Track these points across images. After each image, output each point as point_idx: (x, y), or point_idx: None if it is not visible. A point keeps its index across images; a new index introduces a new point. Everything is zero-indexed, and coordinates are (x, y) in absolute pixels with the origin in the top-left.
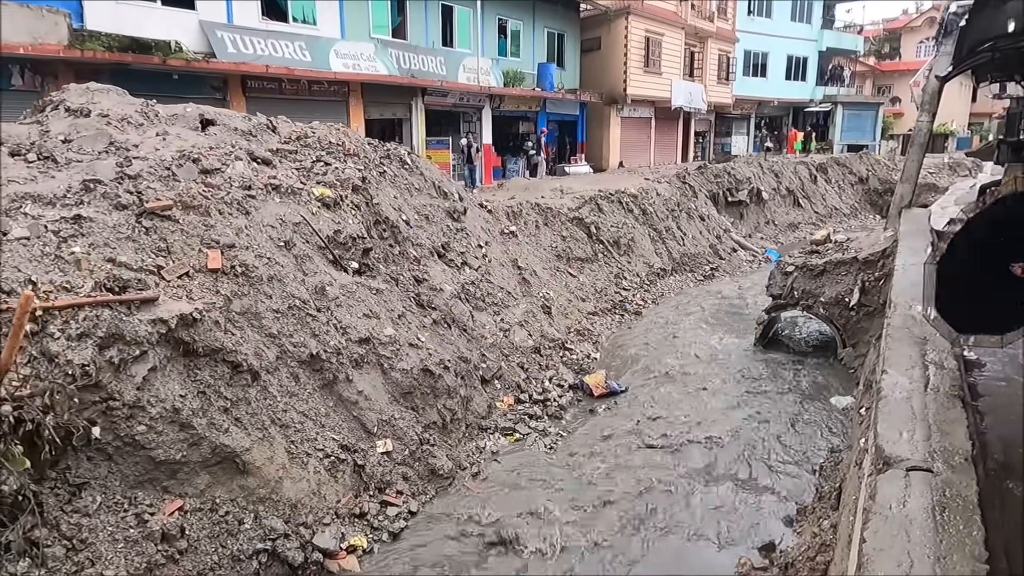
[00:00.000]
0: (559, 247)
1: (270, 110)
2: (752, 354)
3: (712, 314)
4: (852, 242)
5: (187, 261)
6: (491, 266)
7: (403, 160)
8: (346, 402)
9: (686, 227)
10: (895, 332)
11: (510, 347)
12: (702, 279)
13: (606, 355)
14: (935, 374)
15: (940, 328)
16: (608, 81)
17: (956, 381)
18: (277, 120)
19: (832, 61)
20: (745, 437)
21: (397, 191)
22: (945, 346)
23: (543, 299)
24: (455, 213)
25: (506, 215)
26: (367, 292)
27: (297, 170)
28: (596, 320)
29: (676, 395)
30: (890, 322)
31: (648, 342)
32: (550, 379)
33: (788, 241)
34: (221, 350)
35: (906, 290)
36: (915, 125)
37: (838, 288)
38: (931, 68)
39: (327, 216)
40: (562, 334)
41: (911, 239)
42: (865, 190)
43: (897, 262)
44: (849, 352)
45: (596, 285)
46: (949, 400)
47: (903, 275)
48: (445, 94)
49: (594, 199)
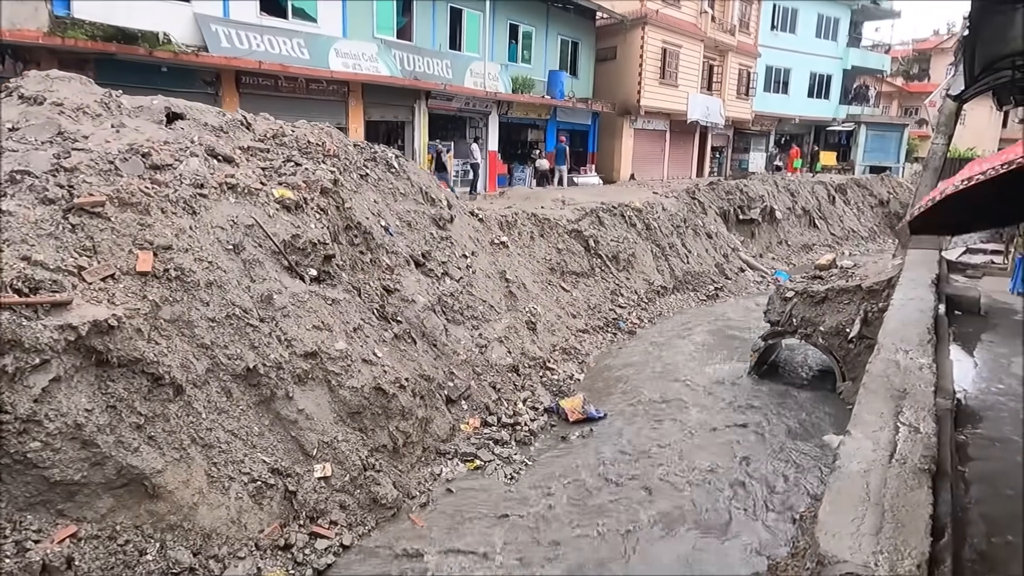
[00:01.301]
0: (554, 260)
1: (265, 107)
2: (746, 383)
3: (710, 337)
4: (858, 269)
5: (114, 262)
6: (475, 277)
7: (389, 163)
8: (284, 421)
9: (692, 244)
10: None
11: (484, 365)
12: (705, 299)
13: (590, 377)
14: (906, 439)
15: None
16: (622, 92)
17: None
18: (256, 117)
19: (857, 80)
20: (725, 477)
21: (379, 195)
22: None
23: (529, 314)
24: (441, 220)
25: (499, 224)
26: (321, 302)
27: (263, 169)
28: (585, 339)
29: (657, 425)
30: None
31: (637, 365)
32: (524, 401)
33: (801, 263)
34: (140, 361)
35: (896, 330)
36: (929, 148)
37: (839, 317)
38: (948, 88)
39: (286, 219)
40: (545, 352)
41: (915, 270)
42: (885, 213)
43: (895, 295)
44: (848, 386)
45: (590, 301)
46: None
47: (897, 311)
48: (450, 98)
49: (595, 211)
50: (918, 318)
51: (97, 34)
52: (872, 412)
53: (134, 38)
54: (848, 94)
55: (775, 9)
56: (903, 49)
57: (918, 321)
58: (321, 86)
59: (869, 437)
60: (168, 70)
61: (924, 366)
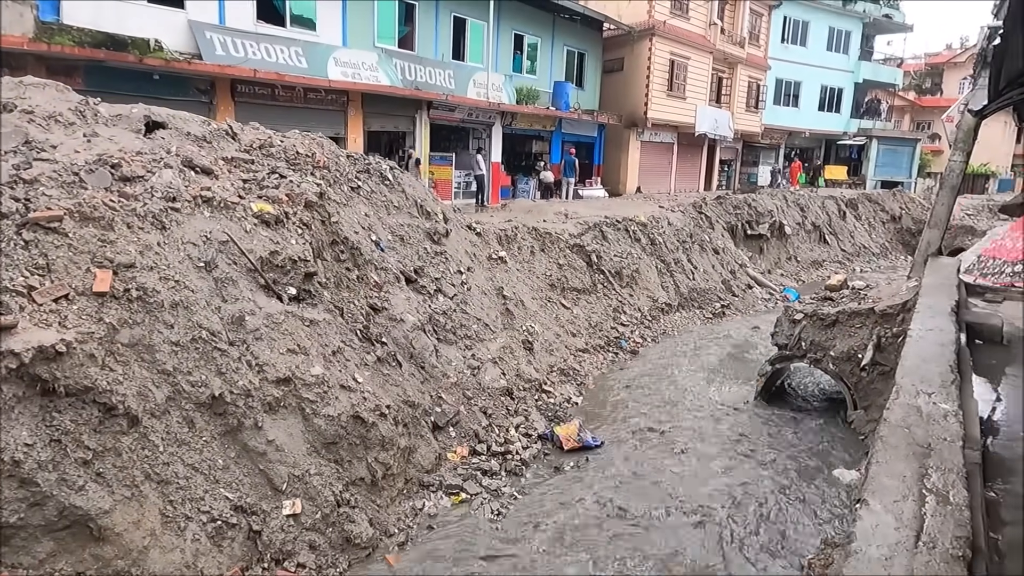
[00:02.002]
0: (554, 276)
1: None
2: (752, 409)
3: (716, 357)
4: (871, 290)
5: (68, 282)
6: (470, 294)
7: (383, 176)
8: (251, 453)
9: (698, 260)
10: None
11: (476, 388)
12: (711, 317)
13: (589, 400)
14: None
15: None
16: (629, 103)
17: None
18: (243, 127)
19: (869, 94)
20: (726, 515)
21: (372, 208)
22: (955, 462)
23: (526, 333)
24: (436, 235)
25: (497, 238)
26: (298, 324)
27: (244, 182)
28: (585, 359)
29: (657, 455)
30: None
31: (639, 387)
32: (517, 427)
33: (810, 279)
34: (92, 389)
35: (915, 368)
36: (947, 164)
37: (851, 342)
38: (967, 103)
39: (264, 234)
40: (542, 374)
41: (933, 295)
42: (897, 229)
43: (912, 325)
44: (860, 415)
45: (591, 319)
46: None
47: (915, 345)
48: (452, 108)
49: (598, 226)
50: (939, 353)
51: (85, 40)
52: (893, 475)
53: (124, 45)
54: (860, 108)
55: (786, 21)
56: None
57: (939, 356)
58: (319, 95)
59: (890, 510)
60: (160, 78)
61: (949, 414)
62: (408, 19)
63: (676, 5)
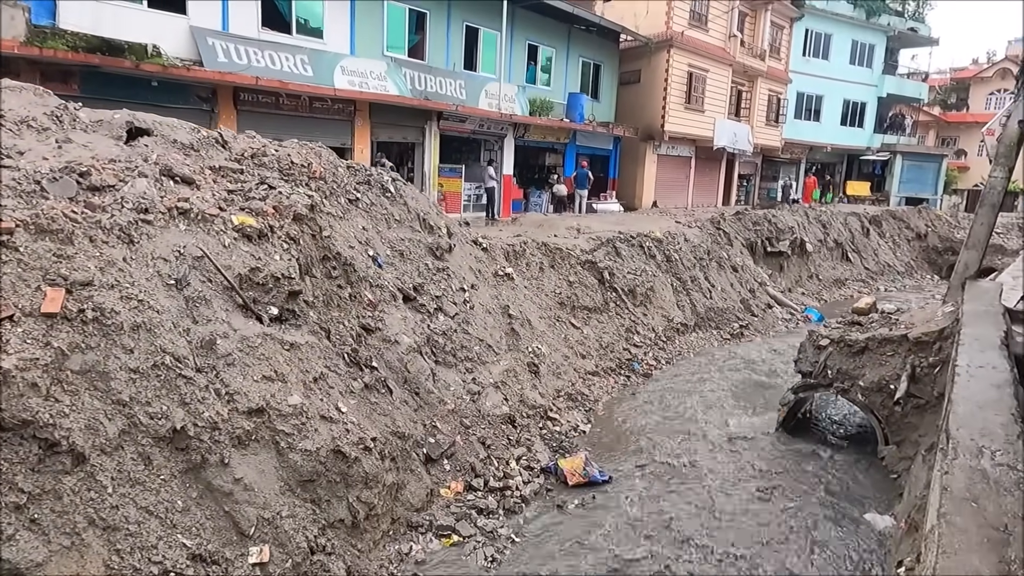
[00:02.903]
0: (564, 293)
1: (265, 125)
2: (774, 442)
3: (734, 382)
4: (902, 314)
5: (15, 301)
6: (473, 313)
7: (384, 187)
8: (216, 492)
9: (715, 278)
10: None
11: (476, 415)
12: (729, 338)
13: (598, 428)
14: None
15: None
16: (646, 116)
17: None
18: (237, 135)
19: (893, 108)
20: (744, 566)
21: (370, 222)
22: None
23: (532, 355)
24: (438, 250)
25: (504, 254)
26: (277, 347)
27: (230, 192)
28: (595, 382)
29: (670, 493)
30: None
31: (651, 414)
32: (518, 459)
33: (833, 298)
34: (32, 423)
35: (971, 417)
36: (987, 181)
37: (882, 371)
38: (1009, 114)
39: (245, 250)
40: (548, 399)
41: (977, 324)
42: (923, 247)
43: (960, 361)
44: (892, 451)
45: (602, 339)
46: None
47: (967, 387)
48: (463, 119)
49: (611, 241)
50: (995, 397)
51: (79, 45)
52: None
53: (120, 50)
54: (883, 123)
55: (807, 34)
56: (941, 78)
57: (997, 402)
58: (325, 104)
59: None
60: (159, 84)
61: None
62: (419, 28)
63: (695, 17)
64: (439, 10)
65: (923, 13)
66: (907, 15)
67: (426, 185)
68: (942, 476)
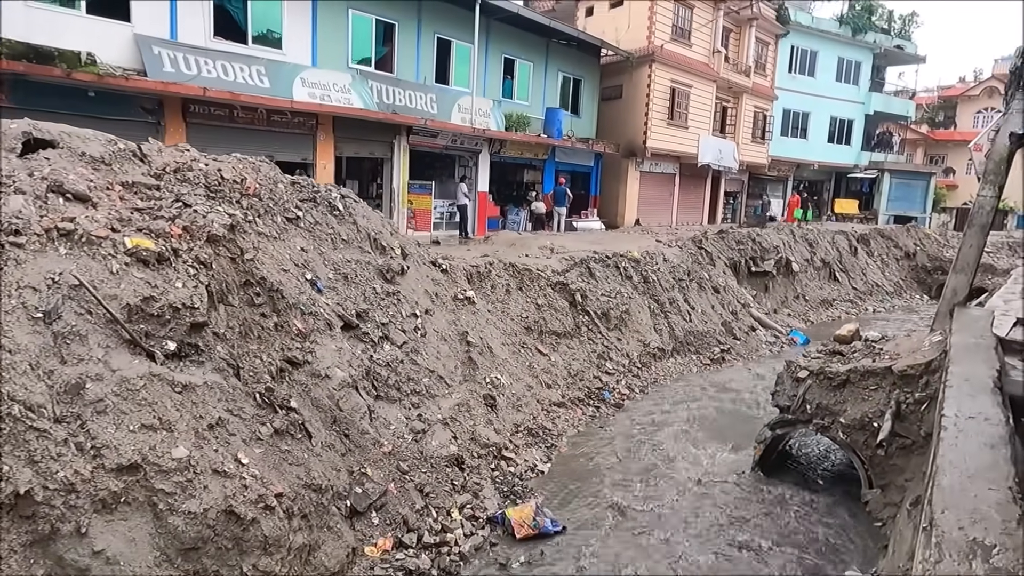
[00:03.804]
0: (531, 317)
1: (217, 140)
2: (749, 483)
3: (711, 412)
4: (886, 343)
5: None
6: (425, 341)
7: (332, 205)
8: (68, 568)
9: (696, 300)
10: None
11: (417, 457)
12: (709, 363)
13: (559, 467)
14: None
15: None
16: (628, 132)
17: None
18: (162, 148)
19: (880, 126)
20: None
21: (313, 242)
22: None
23: (490, 385)
24: (389, 272)
25: (467, 276)
26: (166, 389)
27: (138, 211)
28: (560, 414)
29: (631, 547)
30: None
31: (619, 451)
32: (461, 508)
33: (820, 319)
34: None
35: (961, 493)
36: (975, 200)
37: (864, 407)
38: (998, 129)
39: (138, 276)
40: (505, 436)
41: (966, 360)
42: (912, 266)
43: (946, 410)
44: (876, 496)
45: (571, 367)
46: None
47: (954, 448)
48: (435, 134)
49: (585, 261)
50: (990, 463)
51: (2, 51)
52: None
53: (50, 57)
54: (871, 140)
55: (793, 51)
56: (928, 96)
57: (991, 470)
58: (285, 118)
59: None
60: (96, 95)
61: None
62: (387, 39)
63: (677, 31)
64: (409, 21)
65: (909, 31)
66: (893, 33)
67: (395, 202)
68: (918, 565)
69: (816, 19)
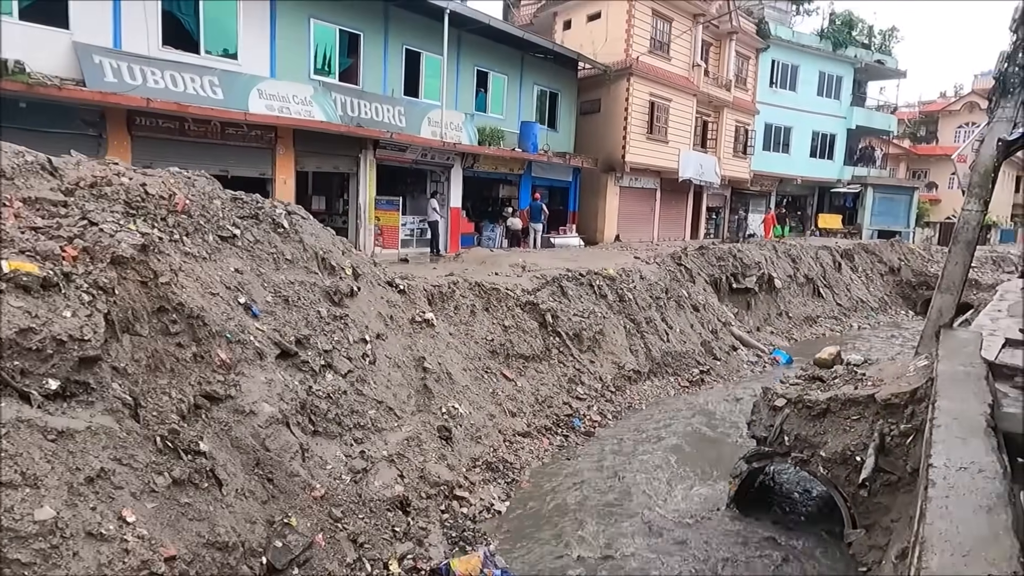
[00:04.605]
0: (497, 340)
1: (167, 154)
2: (724, 522)
3: (687, 440)
4: (870, 368)
5: None
6: (374, 369)
7: (277, 223)
8: None
9: (674, 319)
10: None
11: (354, 501)
12: (687, 385)
13: (518, 506)
14: None
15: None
16: (606, 147)
17: None
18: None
19: (862, 140)
20: None
21: (251, 263)
22: None
23: (446, 416)
24: (337, 294)
25: (427, 297)
26: (35, 437)
27: (34, 230)
28: (525, 445)
29: None
30: None
31: (585, 486)
32: (401, 559)
33: (804, 337)
34: None
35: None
36: (960, 215)
37: (846, 439)
38: (983, 138)
39: (15, 305)
40: (460, 472)
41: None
42: (896, 282)
43: (935, 458)
44: (860, 537)
45: (539, 392)
46: None
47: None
48: (404, 148)
49: (557, 280)
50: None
51: None
52: None
53: None
54: (853, 155)
55: (774, 65)
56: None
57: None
58: (241, 131)
59: None
60: (28, 106)
61: None
62: (352, 50)
63: (655, 45)
64: (375, 32)
65: (890, 46)
66: (874, 47)
67: (361, 218)
68: None
69: (797, 33)
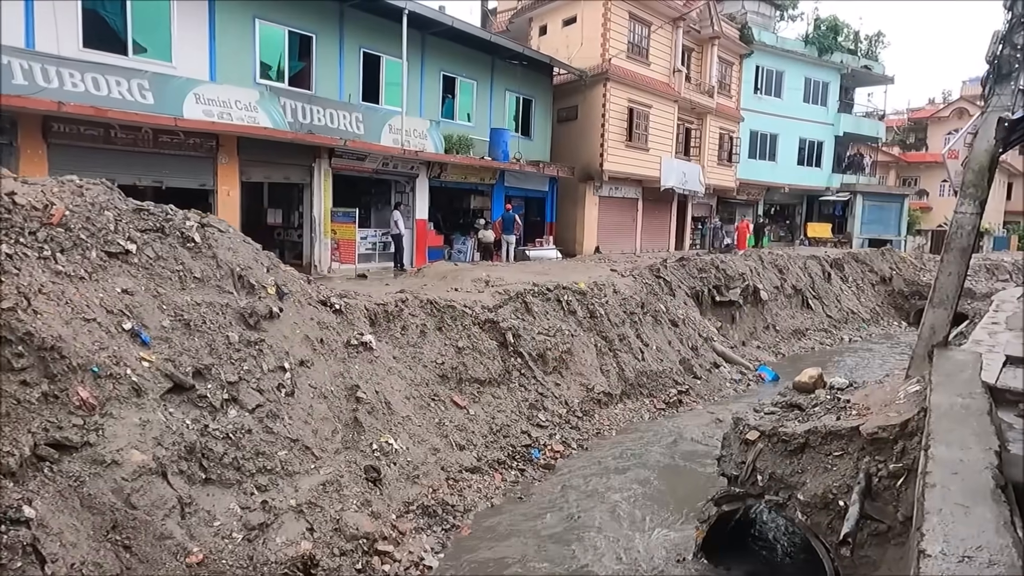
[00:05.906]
0: (449, 363)
1: (89, 163)
2: (691, 574)
3: (658, 473)
4: (855, 392)
5: None
6: (292, 401)
7: (187, 236)
8: None
9: (650, 335)
10: None
11: (244, 565)
12: (664, 407)
13: (452, 562)
14: None
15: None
16: (584, 155)
17: None
18: None
19: (851, 148)
20: None
21: (147, 282)
22: None
23: (377, 453)
24: (253, 317)
25: (369, 317)
26: None
27: None
28: (472, 482)
29: None
30: None
31: (535, 534)
32: None
33: (792, 351)
34: None
35: None
36: (953, 218)
37: (827, 480)
38: (976, 131)
39: None
40: (387, 519)
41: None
42: (888, 292)
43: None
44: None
45: (494, 420)
46: None
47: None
48: (362, 157)
49: (522, 295)
50: None
51: None
52: None
53: None
54: (842, 162)
55: (759, 71)
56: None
57: None
58: (177, 139)
59: None
60: None
61: None
62: (304, 53)
63: (633, 49)
64: (329, 34)
65: (876, 51)
66: (860, 53)
67: (316, 231)
68: None
69: (781, 39)
